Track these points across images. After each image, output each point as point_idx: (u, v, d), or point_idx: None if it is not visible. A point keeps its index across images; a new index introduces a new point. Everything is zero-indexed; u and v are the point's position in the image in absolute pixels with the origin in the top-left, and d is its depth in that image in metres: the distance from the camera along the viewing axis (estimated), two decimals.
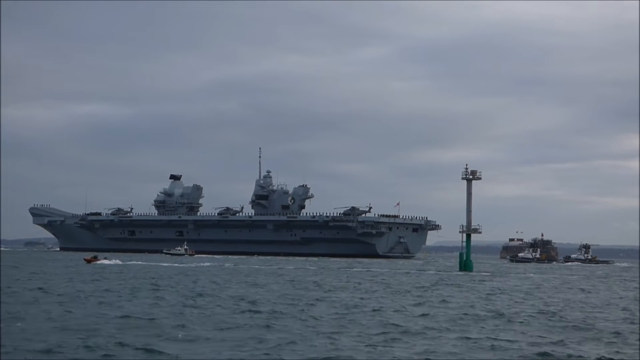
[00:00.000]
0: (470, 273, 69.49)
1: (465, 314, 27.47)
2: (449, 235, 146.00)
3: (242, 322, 23.59)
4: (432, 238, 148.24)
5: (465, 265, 74.70)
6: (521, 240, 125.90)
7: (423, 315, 26.94)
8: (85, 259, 76.59)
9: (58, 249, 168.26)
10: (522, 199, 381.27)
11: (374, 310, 28.43)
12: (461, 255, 76.31)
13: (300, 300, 32.67)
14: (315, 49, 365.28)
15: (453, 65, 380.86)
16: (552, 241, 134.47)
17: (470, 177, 76.07)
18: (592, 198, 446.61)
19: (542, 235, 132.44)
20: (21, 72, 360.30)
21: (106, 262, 73.16)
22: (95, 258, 75.50)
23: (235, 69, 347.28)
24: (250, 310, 27.48)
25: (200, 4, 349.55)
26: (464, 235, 75.87)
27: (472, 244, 77.31)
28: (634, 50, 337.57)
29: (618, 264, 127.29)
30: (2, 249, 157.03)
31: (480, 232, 77.39)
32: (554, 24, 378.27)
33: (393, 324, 23.73)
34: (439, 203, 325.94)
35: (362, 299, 34.26)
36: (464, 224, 76.07)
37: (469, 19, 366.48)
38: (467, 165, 76.53)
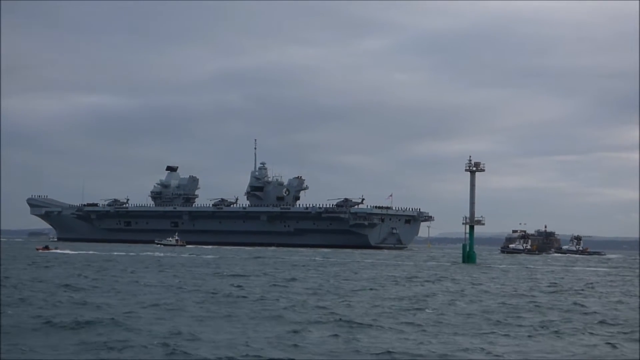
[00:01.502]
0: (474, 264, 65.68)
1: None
2: (452, 227, 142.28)
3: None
4: (435, 229, 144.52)
5: (468, 256, 70.73)
6: (524, 231, 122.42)
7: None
8: (37, 248, 79.90)
9: (56, 239, 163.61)
10: (524, 191, 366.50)
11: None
12: (464, 246, 72.04)
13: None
14: (317, 41, 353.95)
15: (455, 57, 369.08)
16: (556, 233, 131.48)
17: (474, 168, 71.55)
18: (595, 190, 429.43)
19: (545, 227, 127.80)
20: (24, 63, 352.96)
21: (57, 251, 75.87)
22: (47, 247, 79.24)
23: (237, 60, 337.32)
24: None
25: None
26: (467, 226, 72.14)
27: (475, 235, 73.51)
28: (636, 41, 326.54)
29: (611, 255, 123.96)
30: (1, 239, 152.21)
31: (483, 224, 73.28)
32: (555, 16, 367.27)
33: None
34: (440, 194, 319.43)
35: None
36: (467, 215, 72.32)
37: (470, 10, 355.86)
38: (470, 157, 71.95)
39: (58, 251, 76.99)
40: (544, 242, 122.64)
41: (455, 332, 19.03)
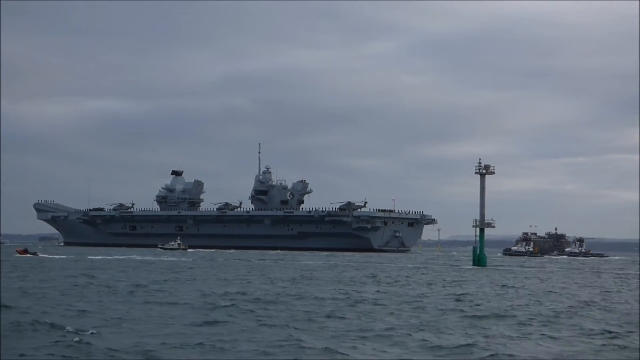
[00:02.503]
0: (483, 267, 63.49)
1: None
2: (462, 229, 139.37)
3: None
4: (445, 232, 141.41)
5: (479, 259, 68.64)
6: (535, 234, 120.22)
7: None
8: (17, 250, 79.84)
9: (62, 243, 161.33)
10: (533, 193, 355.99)
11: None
12: (474, 249, 69.83)
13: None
14: (324, 44, 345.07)
15: (462, 59, 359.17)
16: (566, 235, 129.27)
17: (484, 171, 69.19)
18: (604, 192, 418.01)
19: (556, 229, 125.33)
20: (30, 68, 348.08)
21: (30, 255, 75.22)
22: (26, 251, 78.36)
23: (245, 64, 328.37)
24: None
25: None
26: (477, 229, 69.95)
27: (485, 238, 71.33)
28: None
29: (614, 257, 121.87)
30: (7, 243, 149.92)
31: (493, 227, 71.06)
32: (562, 17, 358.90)
33: None
34: (449, 197, 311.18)
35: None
36: (477, 218, 70.19)
37: (477, 12, 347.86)
38: (480, 159, 69.46)
39: (30, 255, 74.71)
40: (555, 245, 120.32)
41: None
